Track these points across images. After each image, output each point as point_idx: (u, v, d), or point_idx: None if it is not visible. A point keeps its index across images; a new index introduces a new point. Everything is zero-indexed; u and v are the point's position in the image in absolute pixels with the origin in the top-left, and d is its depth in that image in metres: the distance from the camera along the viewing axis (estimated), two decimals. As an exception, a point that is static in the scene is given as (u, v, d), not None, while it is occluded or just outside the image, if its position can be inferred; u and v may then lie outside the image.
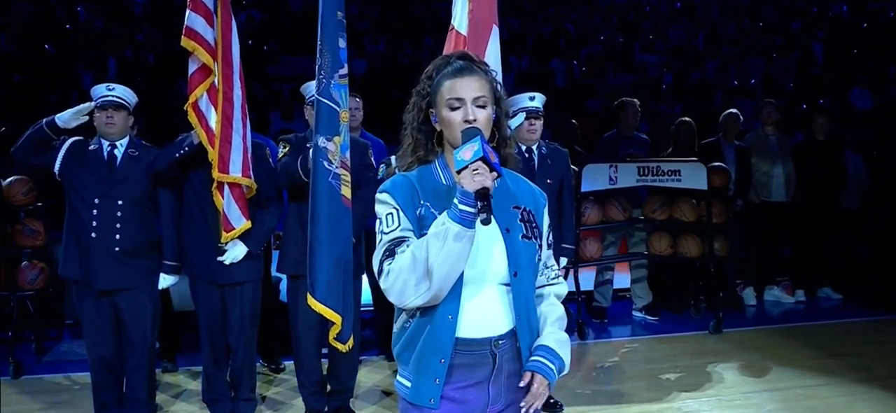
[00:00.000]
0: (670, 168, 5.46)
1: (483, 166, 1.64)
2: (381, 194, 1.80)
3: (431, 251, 1.64)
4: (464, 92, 1.78)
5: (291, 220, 3.81)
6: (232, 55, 3.56)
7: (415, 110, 1.86)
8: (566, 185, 4.25)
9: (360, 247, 3.85)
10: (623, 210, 5.66)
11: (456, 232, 1.63)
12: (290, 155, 3.69)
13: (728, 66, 12.36)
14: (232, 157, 3.53)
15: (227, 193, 3.56)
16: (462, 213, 1.64)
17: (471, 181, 1.63)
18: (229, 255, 3.64)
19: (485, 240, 1.75)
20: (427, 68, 1.87)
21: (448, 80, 1.80)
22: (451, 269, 1.66)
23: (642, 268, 5.97)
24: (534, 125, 3.93)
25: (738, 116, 6.22)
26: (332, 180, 3.18)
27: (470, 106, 1.77)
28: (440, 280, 1.66)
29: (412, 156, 1.86)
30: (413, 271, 1.66)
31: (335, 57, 3.15)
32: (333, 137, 3.18)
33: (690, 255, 5.61)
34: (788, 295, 6.47)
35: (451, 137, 1.79)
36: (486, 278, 1.77)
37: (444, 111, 1.78)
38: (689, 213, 5.62)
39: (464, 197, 1.64)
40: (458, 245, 1.64)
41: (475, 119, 1.76)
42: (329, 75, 3.15)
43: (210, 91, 3.54)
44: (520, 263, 1.79)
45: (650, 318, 5.90)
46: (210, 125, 3.54)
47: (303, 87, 3.92)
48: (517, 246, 1.80)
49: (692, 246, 5.60)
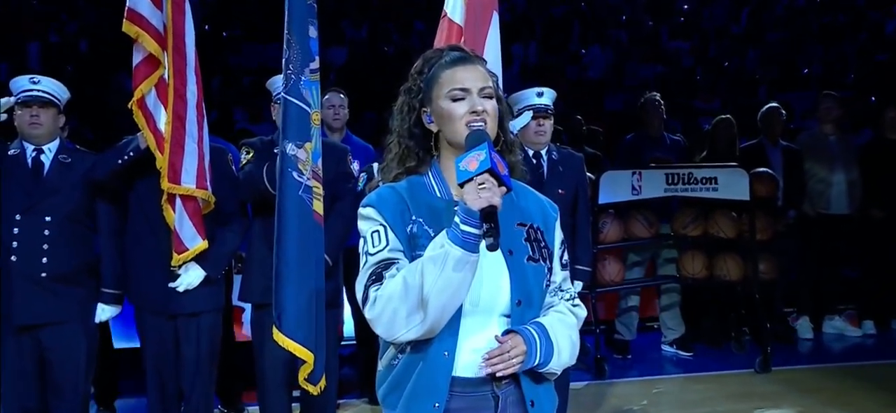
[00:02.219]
0: (705, 175, 5.50)
1: (491, 180, 1.65)
2: (365, 209, 1.82)
3: (427, 278, 1.66)
4: (468, 80, 1.81)
5: (257, 240, 3.83)
6: (185, 43, 3.57)
7: (404, 112, 1.88)
8: (581, 197, 4.28)
9: (336, 270, 3.87)
10: (649, 225, 5.70)
11: (457, 257, 1.65)
12: (255, 162, 3.72)
13: (776, 52, 12.38)
14: (185, 165, 3.54)
15: (180, 208, 3.57)
16: (465, 235, 1.65)
17: (476, 197, 1.64)
18: (183, 281, 3.65)
19: (484, 263, 1.76)
20: (415, 64, 1.90)
21: (447, 69, 1.83)
22: (450, 300, 1.68)
23: (673, 293, 6.00)
24: (542, 126, 3.96)
25: (779, 112, 6.20)
26: (302, 194, 3.19)
27: (476, 95, 1.80)
28: (437, 311, 1.68)
29: (400, 167, 1.87)
30: (404, 300, 1.68)
31: (305, 48, 3.17)
32: (304, 143, 3.20)
33: (730, 278, 5.64)
34: (854, 326, 6.45)
35: (452, 135, 1.81)
36: (486, 308, 1.79)
37: (443, 104, 1.81)
38: (729, 228, 5.65)
39: (467, 216, 1.65)
40: (458, 273, 1.65)
41: (484, 110, 1.78)
42: (298, 70, 3.17)
43: (159, 86, 3.55)
44: (525, 290, 1.81)
45: (683, 353, 5.92)
46: (159, 126, 3.55)
47: (269, 81, 3.95)
48: (522, 270, 1.82)
49: (732, 267, 5.63)
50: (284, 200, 3.19)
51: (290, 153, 3.19)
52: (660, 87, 7.29)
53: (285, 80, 3.20)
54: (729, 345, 6.05)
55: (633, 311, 5.95)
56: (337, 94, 4.97)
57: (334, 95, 4.94)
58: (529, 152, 4.04)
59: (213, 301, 3.78)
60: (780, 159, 6.10)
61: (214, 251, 3.70)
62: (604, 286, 5.56)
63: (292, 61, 3.17)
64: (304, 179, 3.19)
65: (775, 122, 6.17)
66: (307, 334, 3.20)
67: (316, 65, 3.21)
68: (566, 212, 4.19)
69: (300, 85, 3.18)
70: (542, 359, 1.80)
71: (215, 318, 3.81)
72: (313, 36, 3.20)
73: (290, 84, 3.18)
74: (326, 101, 4.81)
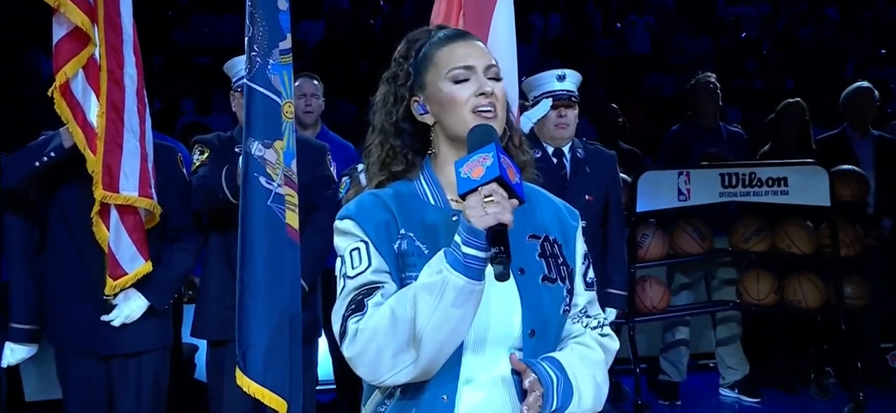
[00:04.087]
0: (773, 175, 5.52)
1: (500, 191, 1.67)
2: (343, 222, 1.86)
3: (421, 310, 1.69)
4: (471, 58, 1.85)
5: (214, 260, 3.88)
6: (121, 16, 3.59)
7: (388, 104, 1.91)
8: (613, 204, 4.33)
9: (313, 298, 3.91)
10: (700, 239, 5.71)
11: (458, 287, 1.67)
12: (211, 163, 3.76)
13: (864, 19, 12.31)
14: (124, 168, 3.56)
15: (117, 221, 3.58)
16: (467, 260, 1.67)
17: (481, 213, 1.66)
18: (119, 314, 3.66)
19: (490, 285, 1.77)
20: (398, 48, 1.94)
21: (443, 46, 1.88)
22: (449, 337, 1.71)
23: (733, 324, 6.01)
24: (565, 116, 4.01)
25: (870, 93, 6.16)
26: (272, 203, 3.21)
27: (482, 75, 1.84)
28: (432, 350, 1.71)
29: (385, 172, 1.91)
30: (392, 336, 1.71)
31: (273, 24, 3.20)
32: (273, 142, 3.22)
33: (807, 305, 5.63)
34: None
35: (454, 125, 1.84)
36: (493, 341, 1.83)
37: (443, 87, 1.85)
38: (804, 241, 5.65)
39: (470, 236, 1.67)
40: (459, 308, 1.68)
41: (492, 92, 1.82)
42: (265, 52, 3.20)
43: (88, 69, 3.56)
44: (540, 318, 1.85)
45: (747, 399, 5.92)
46: (89, 119, 3.55)
47: (228, 64, 4.00)
48: (536, 293, 1.85)
49: (809, 291, 5.62)
50: (250, 212, 3.21)
51: (257, 154, 3.20)
52: (715, 66, 7.31)
53: (249, 64, 3.22)
54: (807, 389, 6.03)
55: (683, 345, 5.95)
56: (309, 80, 5.03)
57: (306, 82, 5.00)
58: (549, 150, 4.09)
59: (159, 338, 3.79)
60: (871, 153, 6.07)
61: (160, 275, 3.72)
62: (644, 314, 5.57)
63: (257, 40, 3.19)
64: (273, 186, 3.21)
65: (864, 107, 6.09)
66: (279, 377, 3.22)
67: (287, 44, 3.23)
68: (595, 222, 4.24)
69: (268, 69, 3.20)
70: (560, 404, 1.82)
71: (161, 359, 3.82)
72: (284, 8, 3.23)
73: (254, 68, 3.20)
74: (297, 88, 4.87)
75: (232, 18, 10.20)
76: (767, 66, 11.00)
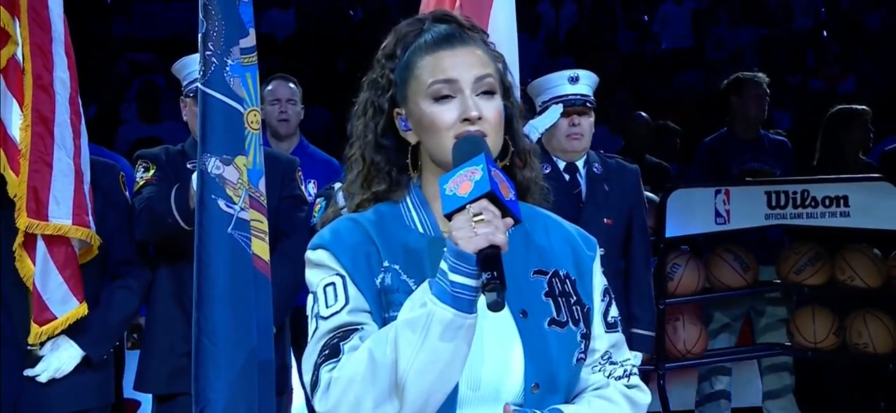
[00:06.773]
0: (830, 193, 5.55)
1: (491, 208, 1.70)
2: (316, 251, 1.88)
3: (403, 351, 1.71)
4: (456, 70, 1.86)
5: (163, 299, 3.89)
6: (49, 9, 3.61)
7: (368, 114, 1.94)
8: (637, 227, 4.35)
9: (282, 339, 3.92)
10: (743, 269, 5.73)
11: (445, 321, 1.70)
12: (158, 183, 3.78)
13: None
14: (54, 191, 3.57)
15: (45, 255, 3.59)
16: (455, 289, 1.70)
17: (470, 234, 1.69)
18: (47, 366, 3.65)
19: (487, 328, 1.80)
20: (385, 43, 1.96)
21: (426, 54, 1.89)
22: (437, 382, 1.73)
23: (784, 373, 6.04)
24: (578, 125, 4.04)
25: None
26: (234, 231, 3.21)
27: (469, 94, 1.86)
28: (418, 398, 1.74)
29: (365, 191, 1.93)
30: (371, 384, 1.73)
31: (232, 16, 3.22)
32: (235, 157, 3.22)
33: (875, 350, 5.64)
34: None
35: (434, 151, 1.87)
36: (490, 394, 1.85)
37: (422, 106, 1.87)
38: (869, 272, 5.67)
39: (458, 261, 1.70)
40: (447, 344, 1.70)
41: (480, 117, 1.84)
42: (222, 51, 3.21)
43: (9, 72, 3.59)
44: (546, 370, 1.86)
45: (800, 460, 5.97)
46: (10, 133, 3.58)
47: (177, 64, 4.03)
48: (542, 339, 1.86)
49: (877, 332, 5.63)
50: (207, 241, 3.20)
51: (214, 172, 3.19)
52: (758, 63, 7.33)
53: (203, 65, 3.22)
54: (876, 451, 6.09)
55: (723, 398, 5.97)
56: (285, 84, 5.04)
57: (280, 85, 5.02)
58: (560, 165, 4.12)
59: (96, 396, 3.79)
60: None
61: (98, 320, 3.72)
62: (676, 360, 5.60)
63: (212, 37, 3.20)
64: (235, 209, 3.20)
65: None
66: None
67: (250, 41, 3.26)
68: (615, 250, 4.25)
69: (226, 71, 3.21)
70: None
71: (97, 420, 3.82)
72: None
73: (210, 71, 3.20)
74: (269, 93, 4.89)
75: (183, 6, 10.22)
76: (822, 63, 10.96)
